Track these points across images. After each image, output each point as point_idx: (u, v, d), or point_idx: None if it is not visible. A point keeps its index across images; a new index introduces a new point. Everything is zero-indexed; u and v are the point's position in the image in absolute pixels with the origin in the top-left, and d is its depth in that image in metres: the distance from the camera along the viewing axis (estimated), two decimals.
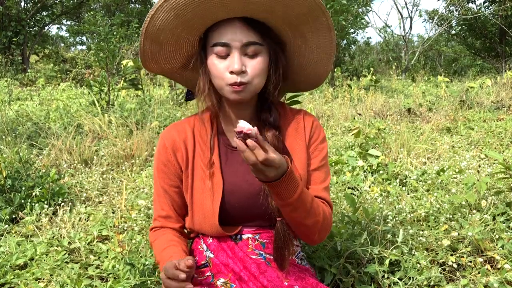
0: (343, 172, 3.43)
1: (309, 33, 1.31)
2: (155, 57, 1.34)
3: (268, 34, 1.27)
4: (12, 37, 15.24)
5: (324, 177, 1.40)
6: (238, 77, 1.23)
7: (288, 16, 1.24)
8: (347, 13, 10.37)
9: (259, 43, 1.24)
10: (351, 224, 2.16)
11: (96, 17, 12.77)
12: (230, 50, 1.23)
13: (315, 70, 1.43)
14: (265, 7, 1.19)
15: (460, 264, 1.97)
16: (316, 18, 1.26)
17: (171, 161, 1.39)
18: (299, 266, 1.43)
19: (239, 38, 1.22)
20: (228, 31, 1.23)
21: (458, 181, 3.02)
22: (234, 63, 1.22)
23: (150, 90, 8.08)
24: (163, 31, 1.25)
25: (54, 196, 2.86)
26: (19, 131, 4.65)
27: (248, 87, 1.26)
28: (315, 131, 1.41)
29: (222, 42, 1.23)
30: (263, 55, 1.26)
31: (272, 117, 1.35)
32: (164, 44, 1.30)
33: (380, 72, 17.88)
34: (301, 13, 1.24)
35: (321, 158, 1.40)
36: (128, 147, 3.93)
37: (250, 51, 1.24)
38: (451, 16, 18.04)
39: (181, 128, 1.42)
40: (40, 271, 1.98)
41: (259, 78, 1.27)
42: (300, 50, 1.37)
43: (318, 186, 1.38)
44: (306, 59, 1.40)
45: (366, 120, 5.79)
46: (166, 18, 1.21)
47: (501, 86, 9.31)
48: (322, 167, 1.41)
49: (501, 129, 5.18)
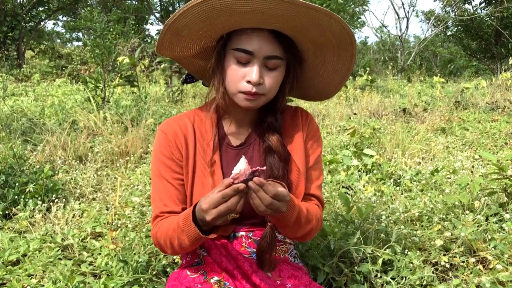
0: (337, 171, 3.44)
1: (331, 57, 1.32)
2: (171, 46, 1.32)
3: (291, 49, 1.27)
4: (7, 32, 15.17)
5: (318, 175, 1.42)
6: (254, 88, 1.23)
7: (318, 38, 1.25)
8: (343, 12, 10.36)
9: (281, 57, 1.24)
10: (344, 223, 2.17)
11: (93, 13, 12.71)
12: (252, 59, 1.22)
13: (325, 88, 1.44)
14: (299, 28, 1.20)
15: (453, 264, 1.98)
16: (343, 47, 1.28)
17: (174, 153, 1.36)
18: (292, 264, 1.43)
19: (264, 50, 1.21)
20: (254, 40, 1.21)
21: (452, 181, 3.03)
22: (253, 74, 1.21)
23: (145, 87, 8.06)
24: (188, 27, 1.23)
25: (48, 192, 2.85)
26: (14, 127, 4.63)
27: (261, 97, 1.26)
28: (312, 128, 1.43)
29: (247, 49, 1.22)
30: (281, 69, 1.27)
31: (277, 122, 1.36)
32: (185, 37, 1.28)
33: (376, 72, 17.91)
34: (330, 41, 1.25)
35: (316, 156, 1.41)
36: (123, 144, 3.92)
37: (271, 64, 1.24)
38: (447, 17, 18.09)
39: (182, 123, 1.39)
40: (33, 267, 1.97)
41: (273, 91, 1.28)
42: (316, 68, 1.38)
43: (312, 184, 1.39)
44: (320, 77, 1.40)
45: (361, 119, 5.80)
46: (196, 19, 1.19)
47: (496, 87, 9.35)
48: (317, 164, 1.42)
49: (495, 130, 5.20)
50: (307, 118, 1.43)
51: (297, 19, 1.15)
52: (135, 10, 21.85)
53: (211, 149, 1.36)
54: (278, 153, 1.33)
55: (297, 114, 1.43)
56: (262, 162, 1.35)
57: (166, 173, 1.36)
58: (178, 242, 1.25)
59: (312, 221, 1.31)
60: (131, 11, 20.95)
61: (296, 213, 1.23)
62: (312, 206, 1.35)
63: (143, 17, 23.49)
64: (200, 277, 1.34)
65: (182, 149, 1.36)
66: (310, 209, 1.32)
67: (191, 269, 1.39)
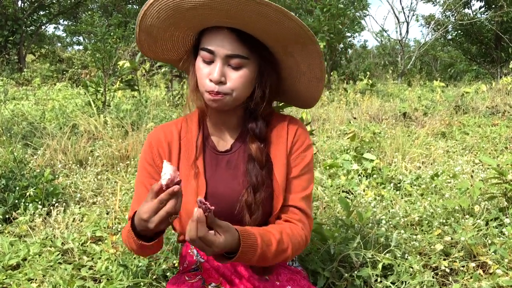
0: (337, 176, 3.44)
1: (299, 56, 1.29)
2: (151, 48, 1.35)
3: (258, 49, 1.25)
4: (8, 36, 15.18)
5: (305, 186, 1.36)
6: (216, 87, 1.22)
7: (278, 37, 1.23)
8: (344, 17, 10.39)
9: (244, 56, 1.22)
10: (344, 227, 2.17)
11: (93, 17, 12.77)
12: (215, 58, 1.22)
13: (307, 92, 1.41)
14: (253, 25, 1.19)
15: (453, 269, 1.98)
16: (305, 45, 1.25)
17: (155, 160, 1.38)
18: (290, 268, 1.43)
19: (225, 48, 1.21)
20: (216, 39, 1.22)
21: (452, 186, 3.03)
22: (214, 72, 1.21)
23: (146, 91, 8.07)
24: (155, 27, 1.26)
25: (48, 196, 2.85)
26: (14, 131, 4.63)
27: (226, 98, 1.24)
28: (299, 138, 1.37)
29: (208, 48, 1.22)
30: (247, 69, 1.24)
31: (258, 128, 1.33)
32: (159, 39, 1.31)
33: (377, 76, 17.92)
34: (291, 39, 1.23)
35: (302, 166, 1.36)
36: (124, 148, 3.93)
37: (233, 63, 1.22)
38: (447, 21, 18.10)
39: (168, 130, 1.41)
40: (33, 271, 1.97)
41: (239, 91, 1.25)
42: (292, 71, 1.36)
43: (296, 195, 1.34)
44: (297, 80, 1.38)
45: (361, 124, 5.81)
46: (157, 17, 1.22)
47: (496, 91, 9.36)
48: (304, 175, 1.36)
49: (495, 134, 5.21)
50: (294, 129, 1.37)
51: (245, 14, 1.14)
52: (136, 14, 21.90)
53: (194, 154, 1.36)
54: (258, 161, 1.30)
55: (285, 123, 1.38)
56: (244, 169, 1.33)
57: (146, 179, 1.38)
58: (134, 247, 1.26)
59: (286, 251, 1.26)
60: (131, 15, 21.00)
61: (258, 254, 1.18)
62: (288, 230, 1.29)
63: None
64: (198, 282, 1.35)
65: (165, 156, 1.38)
66: (285, 236, 1.26)
67: (189, 274, 1.39)
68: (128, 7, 22.36)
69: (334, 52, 11.16)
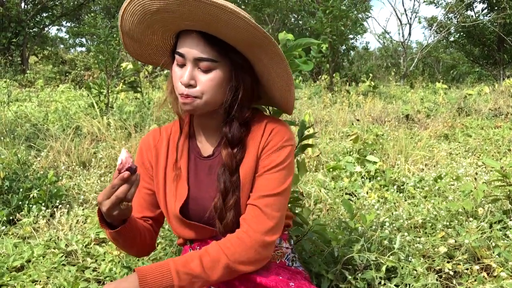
0: (340, 178, 3.44)
1: (266, 60, 1.27)
2: (138, 52, 1.37)
3: (227, 52, 1.24)
4: (11, 38, 15.25)
5: (270, 185, 1.28)
6: (186, 89, 1.22)
7: (237, 38, 1.21)
8: (346, 19, 10.39)
9: (213, 59, 1.21)
10: (348, 230, 2.17)
11: (96, 19, 12.79)
12: (186, 61, 1.23)
13: (281, 98, 1.38)
14: (213, 27, 1.18)
15: (457, 272, 1.98)
16: (264, 46, 1.22)
17: (145, 163, 1.42)
18: (290, 269, 1.43)
19: (193, 52, 1.21)
20: (186, 42, 1.22)
21: (455, 188, 3.03)
22: (184, 75, 1.22)
23: (149, 93, 8.08)
24: (134, 31, 1.27)
25: (52, 198, 2.86)
26: (18, 132, 4.65)
27: (196, 101, 1.23)
28: (272, 139, 1.31)
29: (179, 52, 1.23)
30: (218, 72, 1.23)
31: (230, 133, 1.29)
32: (142, 43, 1.33)
33: (379, 78, 17.91)
34: (249, 40, 1.21)
35: (268, 165, 1.29)
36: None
37: (202, 66, 1.22)
38: (449, 23, 18.10)
39: (157, 134, 1.44)
40: (37, 273, 1.98)
41: (210, 94, 1.24)
42: (263, 75, 1.33)
43: (257, 193, 1.28)
44: (270, 84, 1.35)
45: (364, 126, 5.80)
46: (131, 21, 1.24)
47: (499, 93, 9.35)
48: (270, 174, 1.29)
49: (498, 136, 5.20)
50: (270, 129, 1.32)
51: (199, 16, 1.14)
52: None
53: (175, 157, 1.38)
54: (227, 167, 1.28)
55: (263, 125, 1.33)
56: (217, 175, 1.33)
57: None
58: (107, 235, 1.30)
59: (219, 260, 1.21)
60: None
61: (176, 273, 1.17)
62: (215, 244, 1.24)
63: None
64: None
65: (152, 160, 1.41)
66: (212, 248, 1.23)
67: None
68: None
69: (337, 54, 11.17)
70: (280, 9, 21.02)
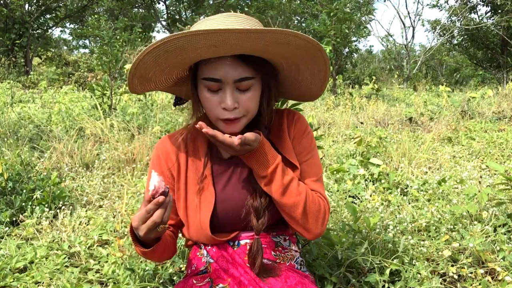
0: (344, 180, 3.43)
1: (305, 65, 1.30)
2: (143, 87, 1.35)
3: (263, 66, 1.25)
4: (15, 39, 15.29)
5: (316, 169, 1.40)
6: (231, 114, 1.23)
7: (284, 53, 1.23)
8: (350, 21, 10.40)
9: (251, 77, 1.22)
10: (352, 233, 2.16)
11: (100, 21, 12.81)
12: (222, 85, 1.21)
13: (307, 90, 1.43)
14: (261, 50, 1.18)
15: (461, 275, 1.97)
16: (312, 56, 1.25)
17: (165, 172, 1.40)
18: (298, 272, 1.43)
19: (232, 75, 1.19)
20: (220, 68, 1.20)
21: (459, 191, 3.01)
22: (226, 100, 1.21)
23: (152, 94, 8.09)
24: (152, 70, 1.25)
25: (55, 199, 2.86)
26: (21, 134, 4.65)
27: (241, 120, 1.26)
28: (299, 127, 1.40)
29: (214, 78, 1.20)
30: (256, 87, 1.25)
31: (263, 134, 1.33)
32: (153, 78, 1.31)
33: (382, 80, 17.91)
34: (297, 53, 1.23)
35: (304, 152, 1.39)
36: (130, 151, 3.93)
37: (243, 87, 1.22)
38: (453, 26, 18.07)
39: (175, 140, 1.43)
40: (40, 274, 1.98)
41: (252, 111, 1.27)
42: (293, 76, 1.36)
43: (310, 179, 1.38)
44: (299, 83, 1.39)
45: (367, 128, 5.79)
46: (154, 63, 1.21)
47: (503, 96, 9.34)
48: (311, 158, 1.40)
49: (502, 139, 5.18)
50: (293, 118, 1.41)
51: (254, 45, 1.14)
52: (142, 18, 22.02)
53: (203, 165, 1.38)
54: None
55: (283, 116, 1.41)
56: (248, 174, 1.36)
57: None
58: (137, 251, 1.30)
59: (300, 193, 1.28)
60: (138, 19, 21.12)
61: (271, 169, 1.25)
62: (305, 186, 1.32)
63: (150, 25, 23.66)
64: (206, 285, 1.34)
65: (174, 169, 1.40)
66: (303, 185, 1.31)
67: (197, 277, 1.39)
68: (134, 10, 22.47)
69: (340, 57, 11.17)
70: (283, 12, 21.05)
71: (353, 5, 15.15)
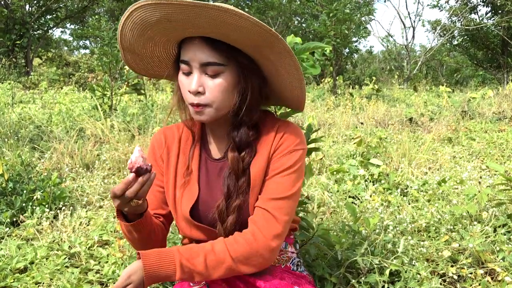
0: (344, 181, 3.43)
1: (273, 56, 1.24)
2: (139, 66, 1.35)
3: (234, 55, 1.22)
4: (16, 40, 15.29)
5: (277, 188, 1.27)
6: (196, 98, 1.21)
7: (245, 41, 1.19)
8: (350, 22, 10.40)
9: (220, 63, 1.20)
10: (351, 233, 2.16)
11: (100, 22, 12.82)
12: (192, 68, 1.21)
13: (292, 95, 1.36)
14: (216, 33, 1.17)
15: (461, 276, 1.97)
16: (273, 45, 1.20)
17: (157, 162, 1.40)
18: (294, 273, 1.43)
19: (198, 58, 1.19)
20: (190, 50, 1.20)
21: (459, 192, 3.02)
22: (191, 83, 1.21)
23: (152, 95, 8.09)
24: (135, 45, 1.26)
25: (55, 199, 2.86)
26: (21, 134, 4.66)
27: (207, 109, 1.23)
28: (284, 141, 1.30)
29: (184, 60, 1.22)
30: (226, 76, 1.21)
31: (238, 137, 1.28)
32: (143, 56, 1.31)
33: (382, 81, 17.91)
34: (257, 40, 1.19)
35: (279, 168, 1.29)
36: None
37: (210, 71, 1.20)
38: (453, 26, 18.08)
39: (170, 133, 1.43)
40: (40, 275, 1.98)
41: (219, 100, 1.23)
42: (272, 74, 1.31)
43: (266, 195, 1.27)
44: (280, 83, 1.33)
45: (367, 129, 5.80)
46: (132, 35, 1.22)
47: (503, 97, 9.34)
48: (279, 177, 1.28)
49: (502, 140, 5.18)
50: (283, 132, 1.30)
51: (204, 21, 1.12)
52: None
53: (190, 159, 1.37)
54: (232, 170, 1.28)
55: (274, 129, 1.31)
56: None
57: None
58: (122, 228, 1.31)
59: (223, 263, 1.21)
60: None
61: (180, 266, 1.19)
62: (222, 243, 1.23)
63: None
64: (203, 287, 1.35)
65: (164, 159, 1.40)
66: (218, 245, 1.23)
67: (194, 281, 1.39)
68: None
69: (340, 57, 11.17)
70: (283, 12, 21.06)
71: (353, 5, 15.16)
